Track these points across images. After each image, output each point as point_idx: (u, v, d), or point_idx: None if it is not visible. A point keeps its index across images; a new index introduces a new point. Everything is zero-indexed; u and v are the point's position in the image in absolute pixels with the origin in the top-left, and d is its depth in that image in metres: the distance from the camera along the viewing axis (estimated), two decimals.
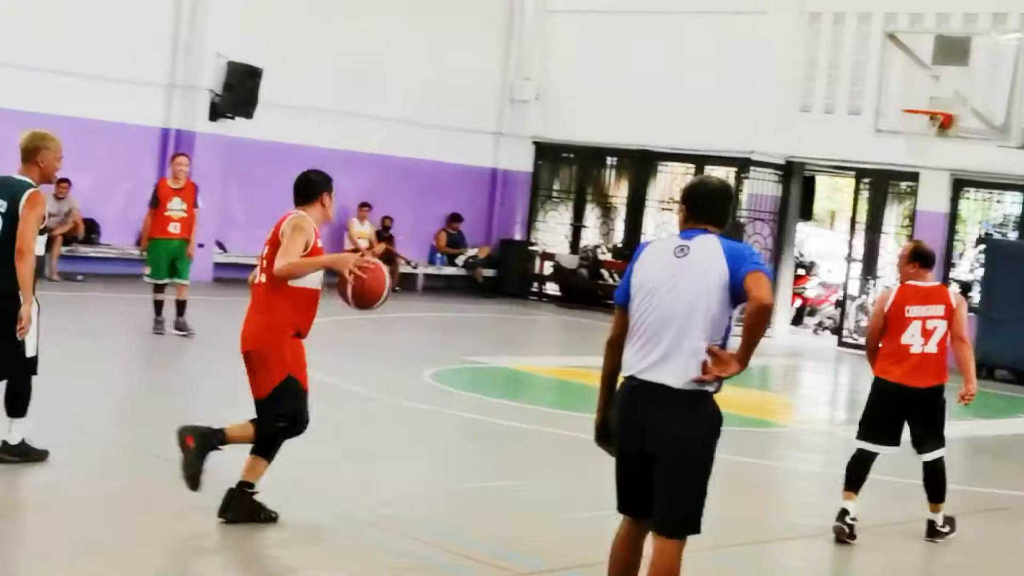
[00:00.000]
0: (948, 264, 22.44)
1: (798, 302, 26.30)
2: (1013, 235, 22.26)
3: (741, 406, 13.70)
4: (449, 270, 26.42)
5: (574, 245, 27.02)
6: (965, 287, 22.82)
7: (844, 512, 9.34)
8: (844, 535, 9.21)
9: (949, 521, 9.68)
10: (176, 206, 16.02)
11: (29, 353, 8.93)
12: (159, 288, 16.08)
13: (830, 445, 14.30)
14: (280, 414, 7.98)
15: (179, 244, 16.06)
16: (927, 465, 9.55)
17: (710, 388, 6.07)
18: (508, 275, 26.71)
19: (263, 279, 7.99)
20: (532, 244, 27.26)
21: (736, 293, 6.01)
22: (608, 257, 26.68)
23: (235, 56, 22.40)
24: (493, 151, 27.44)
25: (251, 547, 7.92)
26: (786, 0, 23.95)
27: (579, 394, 15.96)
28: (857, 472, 9.52)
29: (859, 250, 23.87)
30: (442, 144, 26.16)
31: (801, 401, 16.76)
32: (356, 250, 24.13)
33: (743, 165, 24.08)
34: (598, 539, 9.17)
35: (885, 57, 20.22)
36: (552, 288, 27.02)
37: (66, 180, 20.65)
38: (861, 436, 9.61)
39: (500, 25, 27.31)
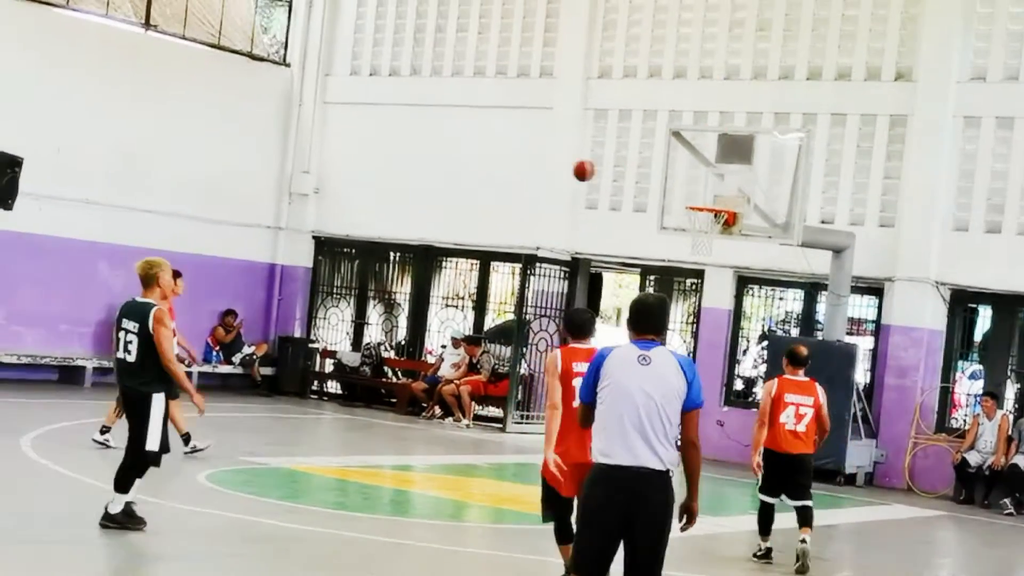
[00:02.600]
0: (732, 360, 22.39)
1: None
2: (795, 332, 22.33)
3: (517, 501, 13.18)
4: (225, 368, 25.44)
5: (356, 342, 26.32)
6: (749, 383, 22.78)
7: (769, 551, 12.57)
8: (771, 561, 12.52)
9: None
10: None
11: (148, 447, 10.73)
12: None
13: None
14: None
15: None
16: (798, 508, 12.48)
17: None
18: (287, 373, 25.85)
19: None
20: (312, 341, 26.47)
21: (684, 404, 7.43)
22: (391, 354, 26.01)
23: None
24: (271, 246, 26.68)
25: None
26: (571, 96, 23.82)
27: (360, 494, 15.35)
28: (765, 519, 12.62)
29: None
30: (217, 238, 25.30)
31: None
32: None
33: (528, 261, 23.73)
34: None
35: (670, 154, 20.25)
36: (333, 386, 26.24)
37: None
38: (762, 491, 12.71)
39: (278, 117, 26.64)
